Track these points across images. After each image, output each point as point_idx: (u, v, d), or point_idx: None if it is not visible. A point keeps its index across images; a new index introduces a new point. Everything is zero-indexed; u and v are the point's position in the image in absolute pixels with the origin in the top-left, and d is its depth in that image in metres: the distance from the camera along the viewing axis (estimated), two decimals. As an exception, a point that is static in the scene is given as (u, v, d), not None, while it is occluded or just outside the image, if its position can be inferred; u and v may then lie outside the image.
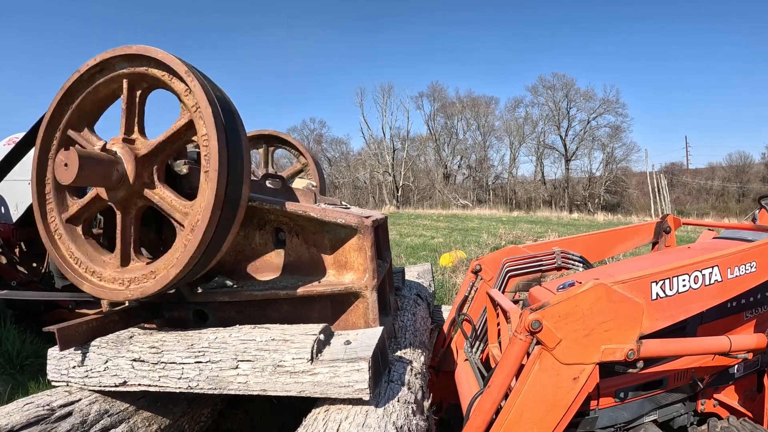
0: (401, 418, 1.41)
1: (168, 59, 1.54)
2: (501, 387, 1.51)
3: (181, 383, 1.56)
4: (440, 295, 5.46)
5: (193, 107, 1.52)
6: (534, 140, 48.06)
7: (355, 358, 1.42)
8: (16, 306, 3.81)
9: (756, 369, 2.22)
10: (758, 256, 1.84)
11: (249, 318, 1.83)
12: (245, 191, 1.63)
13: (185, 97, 1.54)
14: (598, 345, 1.47)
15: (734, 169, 46.23)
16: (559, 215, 25.52)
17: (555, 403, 1.48)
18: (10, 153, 2.78)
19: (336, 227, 1.81)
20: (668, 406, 2.08)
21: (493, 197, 47.17)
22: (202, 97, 1.48)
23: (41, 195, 1.78)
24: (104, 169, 1.54)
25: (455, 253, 8.32)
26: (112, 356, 1.65)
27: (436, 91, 50.33)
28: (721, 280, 1.75)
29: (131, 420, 1.70)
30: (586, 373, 1.47)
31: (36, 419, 1.44)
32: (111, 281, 1.68)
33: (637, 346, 1.49)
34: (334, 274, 1.85)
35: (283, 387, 1.46)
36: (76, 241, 1.76)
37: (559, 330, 1.43)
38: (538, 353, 1.45)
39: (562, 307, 1.44)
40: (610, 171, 45.23)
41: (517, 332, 1.47)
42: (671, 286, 1.65)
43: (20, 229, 4.00)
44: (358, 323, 1.82)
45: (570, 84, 46.19)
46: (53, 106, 1.73)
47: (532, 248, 2.67)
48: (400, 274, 3.26)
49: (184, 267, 1.51)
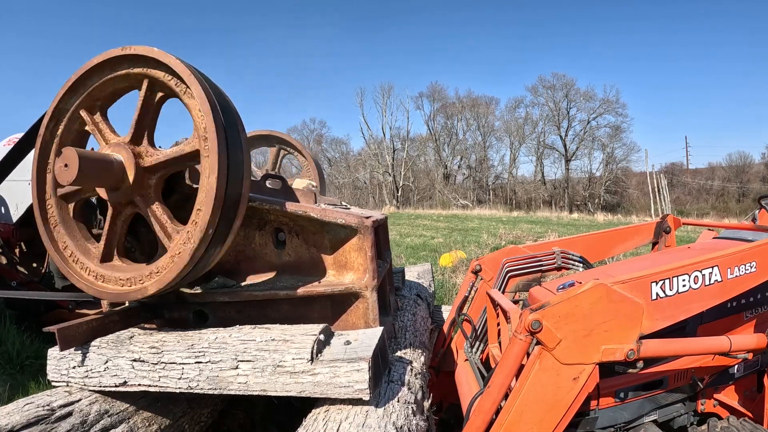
0: (401, 418, 1.41)
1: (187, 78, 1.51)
2: (501, 387, 1.50)
3: (181, 383, 1.56)
4: (440, 296, 5.46)
5: (201, 134, 1.50)
6: (534, 140, 48.13)
7: (355, 359, 1.42)
8: (17, 306, 3.82)
9: (756, 369, 2.22)
10: (758, 256, 1.84)
11: (249, 318, 1.83)
12: (245, 192, 1.63)
13: (197, 120, 1.51)
14: (598, 345, 1.47)
15: (734, 169, 46.24)
16: (559, 215, 25.51)
17: (555, 403, 1.48)
18: (11, 152, 2.78)
19: (336, 227, 1.81)
20: (668, 406, 2.08)
21: (493, 197, 47.18)
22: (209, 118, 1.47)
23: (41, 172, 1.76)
24: (104, 171, 1.54)
25: (455, 253, 8.32)
26: (113, 356, 1.65)
27: (436, 91, 50.42)
28: (721, 280, 1.75)
29: (131, 420, 1.70)
30: (586, 373, 1.47)
31: (36, 419, 1.44)
32: (102, 278, 1.68)
33: (637, 346, 1.48)
34: (334, 274, 1.85)
35: (283, 387, 1.46)
36: (67, 222, 1.76)
37: (559, 330, 1.43)
38: (538, 353, 1.45)
39: (562, 307, 1.44)
40: (610, 171, 45.24)
41: (517, 332, 1.47)
42: (671, 286, 1.65)
43: (20, 229, 4.01)
44: (358, 323, 1.82)
45: (570, 84, 46.28)
46: (69, 85, 1.67)
47: (532, 248, 2.67)
48: (400, 274, 3.26)
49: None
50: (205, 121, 1.48)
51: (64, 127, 1.75)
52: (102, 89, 1.69)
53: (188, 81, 1.50)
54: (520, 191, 47.73)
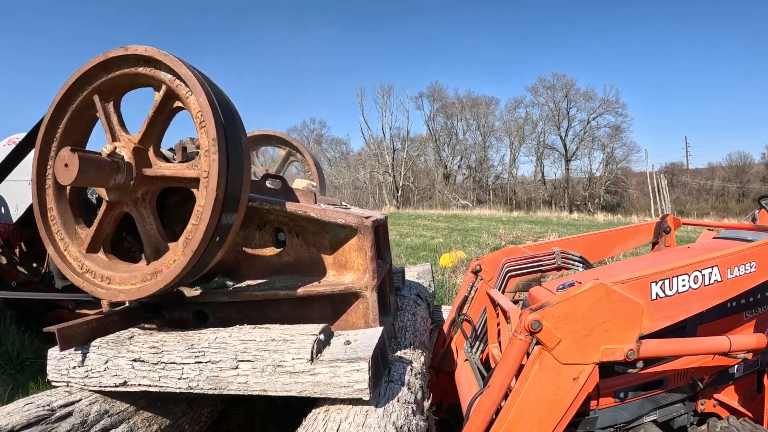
0: (401, 418, 1.41)
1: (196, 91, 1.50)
2: (501, 387, 1.51)
3: (181, 383, 1.56)
4: (440, 296, 5.46)
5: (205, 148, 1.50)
6: (534, 140, 48.13)
7: (355, 358, 1.42)
8: (17, 306, 3.82)
9: (756, 369, 2.22)
10: (758, 256, 1.84)
11: (249, 318, 1.83)
12: (245, 192, 1.63)
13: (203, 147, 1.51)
14: (598, 345, 1.47)
15: (734, 169, 46.23)
16: (559, 215, 25.52)
17: (555, 403, 1.48)
18: (12, 152, 2.78)
19: (336, 227, 1.81)
20: (668, 406, 2.08)
21: (493, 197, 47.17)
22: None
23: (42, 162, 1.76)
24: (104, 173, 1.54)
25: (455, 253, 8.32)
26: (113, 356, 1.65)
27: (436, 91, 50.41)
28: (720, 280, 1.75)
29: (131, 420, 1.70)
30: (586, 373, 1.47)
31: (36, 419, 1.44)
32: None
33: (637, 346, 1.48)
34: (334, 274, 1.85)
35: (283, 387, 1.46)
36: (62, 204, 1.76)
37: (558, 330, 1.43)
38: (538, 353, 1.45)
39: (562, 308, 1.44)
40: (610, 171, 45.24)
41: (516, 332, 1.47)
42: (671, 286, 1.65)
43: (20, 229, 4.00)
44: (358, 323, 1.82)
45: (570, 84, 46.27)
46: (83, 71, 1.65)
47: (532, 248, 2.67)
48: (400, 274, 3.26)
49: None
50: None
51: (71, 113, 1.73)
52: (118, 81, 1.67)
53: (194, 88, 1.50)
54: (520, 191, 47.73)
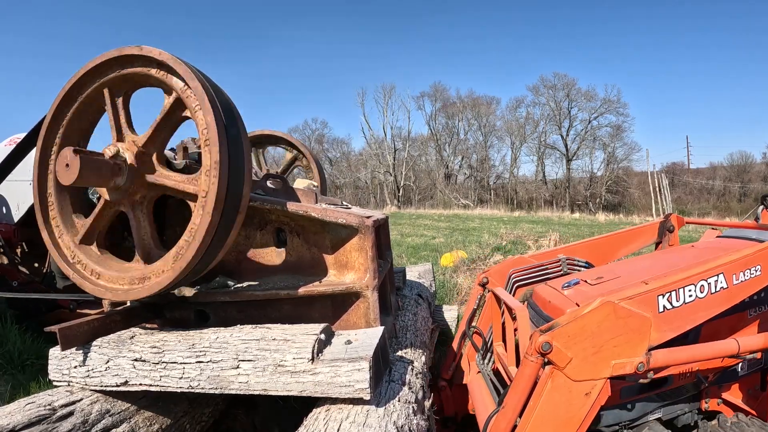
0: (402, 418, 1.41)
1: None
2: (515, 407, 1.54)
3: (182, 383, 1.56)
4: (441, 295, 5.45)
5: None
6: (535, 140, 48.02)
7: (356, 358, 1.42)
8: (18, 306, 3.82)
9: (759, 367, 2.21)
10: (763, 259, 1.85)
11: (250, 318, 1.83)
12: (246, 192, 1.63)
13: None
14: (608, 360, 1.48)
15: (735, 168, 46.09)
16: (561, 215, 25.46)
17: (568, 419, 1.50)
18: (13, 151, 2.78)
19: (337, 227, 1.81)
20: (672, 405, 2.08)
21: (495, 197, 47.11)
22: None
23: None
24: (104, 175, 1.54)
25: (456, 253, 8.30)
26: (114, 356, 1.65)
27: (438, 91, 50.34)
28: (726, 287, 1.76)
29: (132, 420, 1.69)
30: (598, 388, 1.49)
31: (37, 419, 1.43)
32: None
33: (647, 358, 1.50)
34: (335, 274, 1.84)
35: (284, 387, 1.46)
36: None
37: (569, 349, 1.45)
38: (550, 373, 1.47)
39: (571, 328, 1.46)
40: (611, 171, 45.14)
41: (528, 354, 1.49)
42: (678, 297, 1.66)
43: (21, 229, 4.00)
44: (359, 323, 1.81)
45: (571, 84, 46.14)
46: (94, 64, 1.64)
47: (538, 257, 2.67)
48: (401, 274, 3.25)
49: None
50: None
51: (79, 104, 1.73)
52: (129, 77, 1.65)
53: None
54: (522, 191, 47.64)
